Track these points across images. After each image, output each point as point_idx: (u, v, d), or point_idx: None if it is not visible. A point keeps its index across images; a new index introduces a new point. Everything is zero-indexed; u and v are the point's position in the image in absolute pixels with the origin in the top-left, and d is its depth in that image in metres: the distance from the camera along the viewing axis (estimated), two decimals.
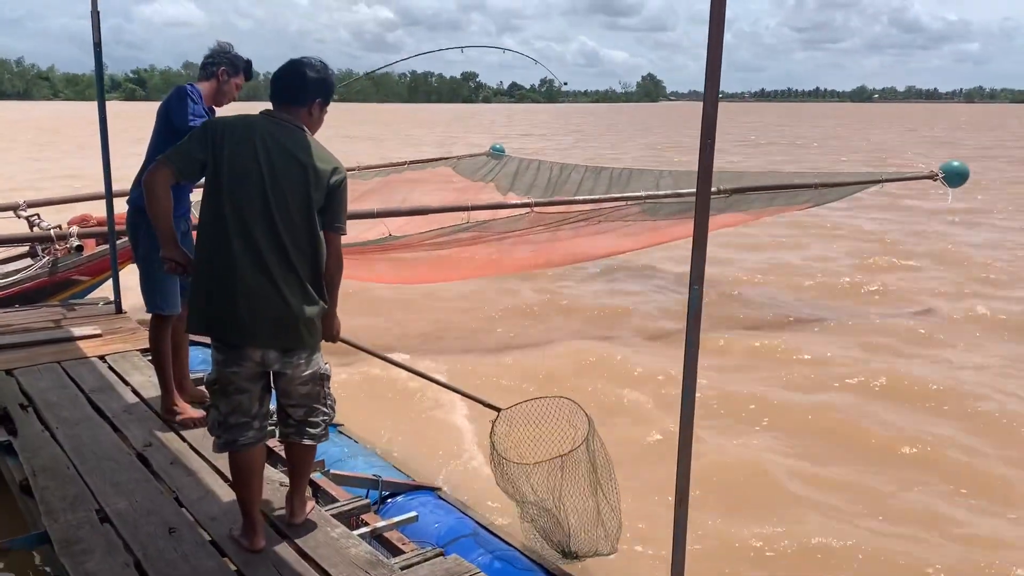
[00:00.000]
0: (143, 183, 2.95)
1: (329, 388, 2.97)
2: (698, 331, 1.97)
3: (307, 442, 2.95)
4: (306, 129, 2.87)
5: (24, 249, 7.46)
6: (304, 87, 2.87)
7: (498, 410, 3.68)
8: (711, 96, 1.82)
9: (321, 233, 2.81)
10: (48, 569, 3.61)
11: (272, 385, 2.90)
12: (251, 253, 2.69)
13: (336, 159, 2.87)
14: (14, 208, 7.58)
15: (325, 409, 2.96)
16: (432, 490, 3.88)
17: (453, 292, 9.31)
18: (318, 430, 2.96)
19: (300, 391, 2.87)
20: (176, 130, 3.65)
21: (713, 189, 7.38)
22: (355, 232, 7.03)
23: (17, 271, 6.85)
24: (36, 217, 7.37)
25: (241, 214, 2.69)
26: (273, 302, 2.71)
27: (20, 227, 7.30)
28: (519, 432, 3.59)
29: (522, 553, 3.35)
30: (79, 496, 3.24)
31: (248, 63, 3.94)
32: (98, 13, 5.28)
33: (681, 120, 75.09)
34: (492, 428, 3.60)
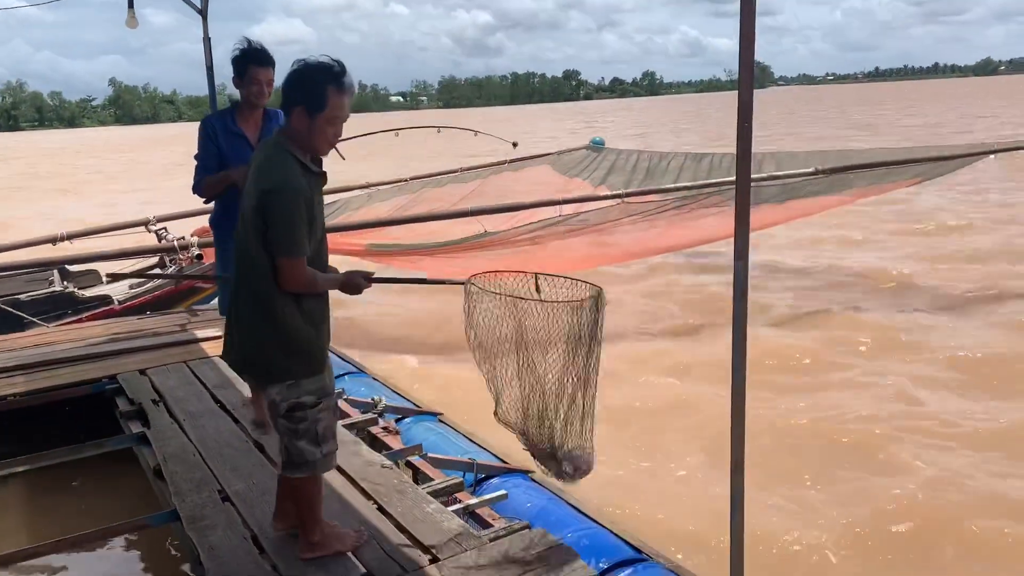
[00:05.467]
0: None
1: (304, 425, 2.63)
2: (745, 306, 2.04)
3: (284, 473, 2.81)
4: (283, 142, 2.46)
5: (155, 260, 8.14)
6: (285, 93, 2.42)
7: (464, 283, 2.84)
8: (746, 81, 1.90)
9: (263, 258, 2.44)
10: (176, 543, 3.98)
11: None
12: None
13: (276, 173, 2.39)
14: (145, 224, 8.25)
15: (298, 445, 2.65)
16: (525, 473, 4.04)
17: None
18: (290, 462, 2.72)
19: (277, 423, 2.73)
20: None
21: (809, 169, 7.34)
22: (454, 230, 7.31)
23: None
24: (163, 230, 8.01)
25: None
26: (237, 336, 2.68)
27: (150, 240, 7.97)
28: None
29: (611, 532, 3.46)
30: (203, 479, 3.58)
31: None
32: (209, 39, 5.75)
33: (787, 105, 72.47)
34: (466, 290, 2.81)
